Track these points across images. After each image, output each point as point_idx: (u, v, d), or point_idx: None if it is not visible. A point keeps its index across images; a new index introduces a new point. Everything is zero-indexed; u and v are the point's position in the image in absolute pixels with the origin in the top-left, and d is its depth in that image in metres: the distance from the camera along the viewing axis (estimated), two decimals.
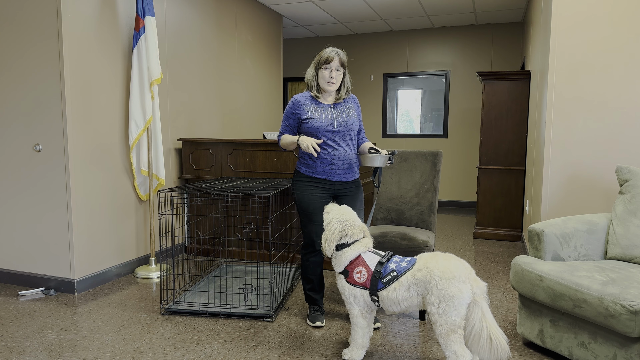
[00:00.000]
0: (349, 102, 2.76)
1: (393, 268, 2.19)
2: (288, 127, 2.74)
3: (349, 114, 2.70)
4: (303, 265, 2.83)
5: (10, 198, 3.47)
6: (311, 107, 2.68)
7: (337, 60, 2.60)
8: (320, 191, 2.71)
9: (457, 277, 2.00)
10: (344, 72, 2.68)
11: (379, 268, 2.22)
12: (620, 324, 1.98)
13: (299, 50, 8.09)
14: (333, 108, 2.70)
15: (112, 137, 3.64)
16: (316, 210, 2.71)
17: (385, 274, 2.19)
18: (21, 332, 2.71)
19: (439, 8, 6.18)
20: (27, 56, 3.30)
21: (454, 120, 7.30)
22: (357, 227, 2.34)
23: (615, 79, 3.21)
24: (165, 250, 4.20)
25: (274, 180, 3.78)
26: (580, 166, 3.33)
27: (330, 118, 2.66)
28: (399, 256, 2.29)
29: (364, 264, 2.26)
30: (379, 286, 2.19)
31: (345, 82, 2.71)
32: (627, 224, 2.56)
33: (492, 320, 2.01)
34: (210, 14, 4.89)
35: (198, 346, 2.53)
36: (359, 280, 2.25)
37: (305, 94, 2.73)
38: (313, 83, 2.69)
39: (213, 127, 5.02)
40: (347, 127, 2.67)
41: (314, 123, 2.63)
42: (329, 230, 2.32)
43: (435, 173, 3.29)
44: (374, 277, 2.21)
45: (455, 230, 5.69)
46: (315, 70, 2.67)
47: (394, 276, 2.16)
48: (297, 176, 2.76)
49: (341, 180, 2.72)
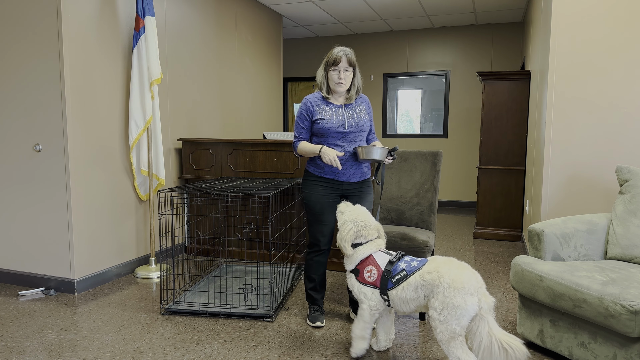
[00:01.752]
0: (360, 103, 2.74)
1: (403, 267, 2.18)
2: (303, 129, 2.71)
3: (360, 115, 2.68)
4: (306, 264, 2.82)
5: (10, 198, 3.47)
6: (322, 107, 2.66)
7: (345, 61, 2.58)
8: (328, 191, 2.70)
9: (466, 288, 1.97)
10: (354, 72, 2.65)
11: (389, 267, 2.22)
12: (620, 324, 1.98)
13: (299, 50, 8.09)
14: (344, 109, 2.68)
15: (112, 137, 3.64)
16: (323, 210, 2.69)
17: (395, 273, 2.19)
18: (21, 332, 2.71)
19: (439, 8, 6.18)
20: (27, 56, 3.30)
21: (454, 120, 7.30)
22: (372, 227, 2.34)
23: (615, 79, 3.21)
24: (165, 250, 4.20)
25: (274, 180, 3.78)
26: (580, 166, 3.33)
27: (342, 119, 2.64)
28: (410, 256, 2.29)
29: (375, 263, 2.27)
30: (388, 285, 2.19)
31: (356, 81, 2.68)
32: (627, 224, 2.56)
33: (501, 331, 1.97)
34: (210, 14, 4.89)
35: (198, 346, 2.53)
36: (369, 280, 2.26)
37: (316, 94, 2.72)
38: (323, 84, 2.68)
39: (213, 127, 5.02)
40: (358, 127, 2.66)
41: (325, 124, 2.62)
42: (344, 230, 2.32)
43: (435, 173, 3.29)
44: (383, 277, 2.21)
45: (455, 230, 5.69)
46: (325, 71, 2.66)
47: (404, 276, 2.16)
48: (306, 175, 2.76)
49: (349, 181, 2.71)
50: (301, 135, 2.72)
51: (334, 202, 2.73)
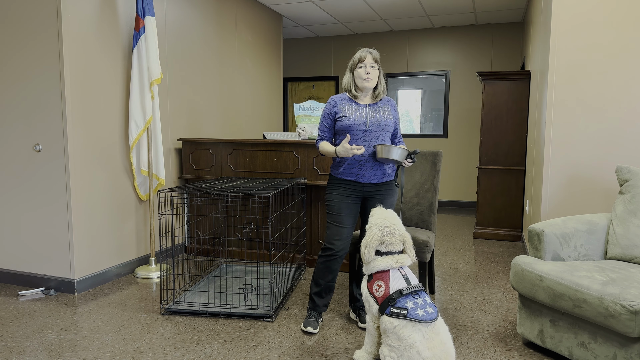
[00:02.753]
0: (385, 104, 2.73)
1: (409, 307, 2.03)
2: (326, 128, 2.72)
3: (384, 115, 2.67)
4: (316, 267, 2.73)
5: (10, 198, 3.47)
6: (347, 106, 2.67)
7: (371, 58, 2.61)
8: (348, 192, 2.67)
9: None
10: (379, 70, 2.67)
11: (396, 296, 2.08)
12: (620, 324, 1.98)
13: (299, 50, 8.09)
14: (368, 108, 2.68)
15: (112, 137, 3.64)
16: (341, 210, 2.65)
17: (398, 305, 2.05)
18: (21, 332, 2.71)
19: (439, 8, 6.18)
20: (27, 56, 3.30)
21: (454, 120, 7.30)
22: (397, 235, 2.18)
23: (615, 80, 3.21)
24: (165, 250, 4.20)
25: (274, 180, 3.78)
26: (580, 166, 3.33)
27: (364, 117, 2.64)
28: (425, 298, 2.09)
29: (387, 281, 2.13)
30: (386, 310, 2.09)
31: (381, 80, 2.70)
32: (627, 224, 2.56)
33: None
34: (210, 14, 4.89)
35: (198, 346, 2.53)
36: (376, 293, 2.17)
37: (343, 94, 2.74)
38: (350, 84, 2.69)
39: (213, 127, 5.02)
40: (379, 127, 2.64)
41: (347, 121, 2.62)
42: (369, 235, 2.20)
43: (435, 173, 3.29)
44: (386, 300, 2.11)
45: (455, 230, 5.69)
46: (351, 72, 2.67)
47: (403, 315, 2.02)
48: (329, 178, 2.76)
49: (370, 182, 2.66)
50: (324, 134, 2.73)
51: (353, 205, 2.68)
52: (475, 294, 3.38)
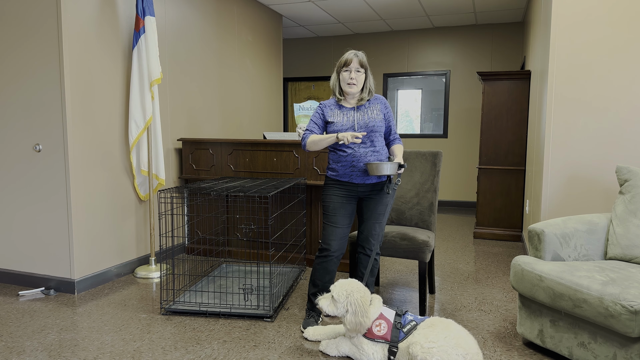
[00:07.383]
0: (374, 103, 2.72)
1: (411, 319, 2.24)
2: (316, 125, 2.71)
3: (372, 115, 2.66)
4: (313, 268, 2.75)
5: (10, 198, 3.47)
6: (334, 112, 2.69)
7: (357, 62, 2.60)
8: (343, 192, 2.69)
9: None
10: (366, 73, 2.66)
11: (398, 319, 2.25)
12: (620, 324, 1.98)
13: (299, 50, 8.09)
14: (356, 110, 2.68)
15: (112, 137, 3.64)
16: (336, 210, 2.67)
17: (406, 323, 2.23)
18: (21, 332, 2.71)
19: (439, 8, 6.18)
20: (27, 56, 3.30)
21: (454, 120, 7.30)
22: (364, 288, 2.32)
23: (615, 80, 3.21)
24: (165, 250, 4.20)
25: (274, 180, 3.78)
26: (580, 166, 3.33)
27: (351, 121, 2.65)
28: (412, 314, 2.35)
29: (382, 316, 2.27)
30: (400, 336, 2.20)
31: (368, 83, 2.69)
32: (627, 224, 2.56)
33: None
34: (210, 14, 4.89)
35: (198, 346, 2.53)
36: (379, 333, 2.22)
37: (331, 99, 2.76)
38: (336, 87, 2.70)
39: (213, 127, 5.02)
40: (368, 128, 2.63)
41: (334, 127, 2.65)
42: (354, 301, 2.24)
43: (435, 173, 3.29)
44: (394, 328, 2.21)
45: (455, 230, 5.69)
46: (337, 74, 2.68)
47: (414, 325, 2.20)
48: (325, 180, 2.77)
49: (364, 183, 2.67)
50: (313, 129, 2.69)
51: (349, 205, 2.69)
52: (475, 294, 3.38)
